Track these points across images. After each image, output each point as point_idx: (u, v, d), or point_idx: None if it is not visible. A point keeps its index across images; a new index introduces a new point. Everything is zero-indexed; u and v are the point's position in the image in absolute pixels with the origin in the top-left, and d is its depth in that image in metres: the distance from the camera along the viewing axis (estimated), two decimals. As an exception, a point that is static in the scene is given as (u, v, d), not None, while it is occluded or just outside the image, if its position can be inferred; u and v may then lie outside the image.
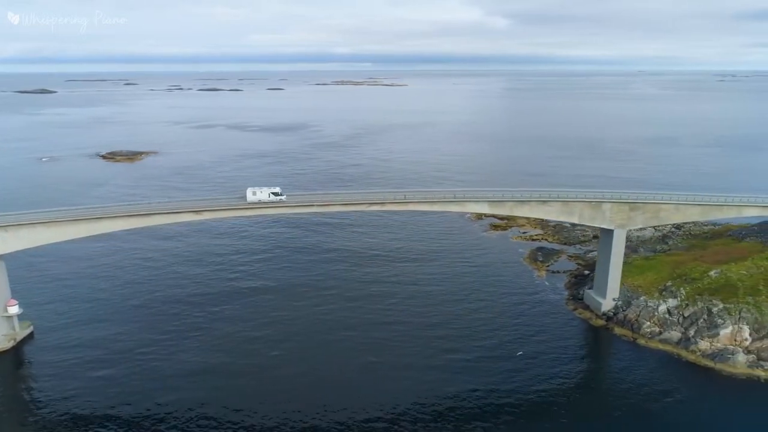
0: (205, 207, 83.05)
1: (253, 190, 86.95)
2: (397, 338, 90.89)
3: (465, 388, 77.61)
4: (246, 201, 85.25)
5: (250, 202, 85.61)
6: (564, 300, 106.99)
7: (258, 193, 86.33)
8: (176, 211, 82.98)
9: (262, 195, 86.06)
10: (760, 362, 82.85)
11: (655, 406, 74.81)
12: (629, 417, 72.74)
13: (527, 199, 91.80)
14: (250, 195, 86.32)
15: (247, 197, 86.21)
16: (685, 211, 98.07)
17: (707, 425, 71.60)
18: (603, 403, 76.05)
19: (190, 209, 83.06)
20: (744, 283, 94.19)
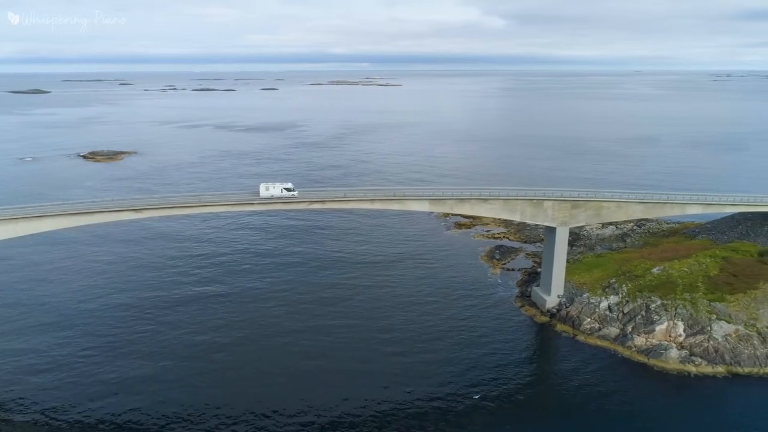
0: (145, 205, 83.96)
1: (266, 186, 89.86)
2: (341, 341, 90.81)
3: (404, 390, 77.72)
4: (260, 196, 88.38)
5: (263, 197, 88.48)
6: (513, 297, 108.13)
7: (271, 188, 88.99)
8: (117, 209, 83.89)
9: (275, 190, 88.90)
10: (692, 357, 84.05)
11: (588, 402, 76.04)
12: (562, 413, 73.92)
13: (467, 198, 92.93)
14: (263, 190, 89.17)
15: (260, 192, 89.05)
16: (627, 208, 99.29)
17: (638, 420, 72.52)
18: (539, 400, 76.76)
19: (131, 207, 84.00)
20: (683, 279, 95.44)
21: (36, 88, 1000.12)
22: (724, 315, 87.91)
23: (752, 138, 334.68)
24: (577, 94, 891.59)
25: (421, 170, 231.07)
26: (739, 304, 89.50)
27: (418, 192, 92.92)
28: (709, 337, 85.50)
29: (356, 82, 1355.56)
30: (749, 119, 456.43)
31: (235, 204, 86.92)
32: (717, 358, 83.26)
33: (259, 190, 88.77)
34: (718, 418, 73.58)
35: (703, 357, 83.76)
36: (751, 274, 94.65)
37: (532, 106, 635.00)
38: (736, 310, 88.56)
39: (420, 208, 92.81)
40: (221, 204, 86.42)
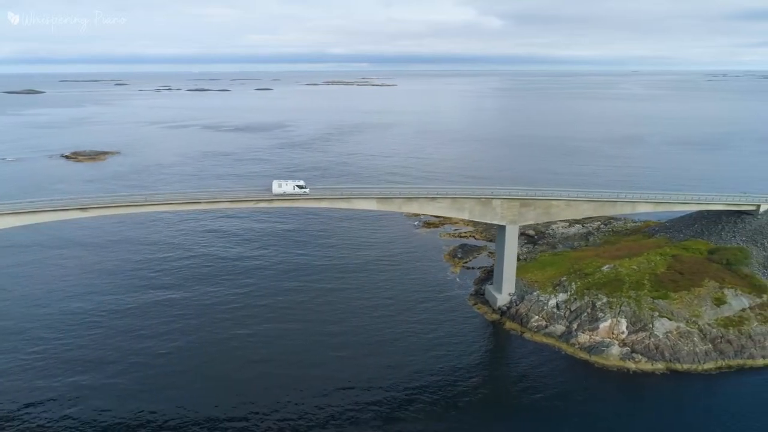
0: (92, 204, 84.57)
1: (278, 183, 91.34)
2: (290, 345, 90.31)
3: (346, 393, 77.34)
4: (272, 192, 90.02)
5: (276, 193, 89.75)
6: (467, 296, 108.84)
7: (283, 185, 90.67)
8: (63, 208, 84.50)
9: (287, 187, 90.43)
10: (633, 354, 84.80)
11: (528, 400, 76.67)
12: (503, 413, 74.55)
13: (416, 196, 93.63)
14: (276, 187, 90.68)
15: (273, 189, 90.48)
16: (577, 207, 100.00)
17: (576, 417, 73.18)
18: (480, 399, 76.93)
19: (77, 206, 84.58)
20: (631, 277, 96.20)
21: (30, 88, 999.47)
22: (667, 312, 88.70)
23: (734, 137, 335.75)
24: (572, 94, 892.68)
25: (399, 172, 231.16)
26: (682, 301, 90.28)
27: (365, 191, 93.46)
28: (651, 334, 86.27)
29: (352, 83, 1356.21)
30: (735, 119, 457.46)
31: (181, 203, 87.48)
32: (657, 354, 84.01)
33: (272, 187, 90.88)
34: (655, 414, 74.12)
35: (644, 354, 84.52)
36: (696, 271, 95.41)
37: (525, 106, 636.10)
38: (679, 308, 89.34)
39: (367, 207, 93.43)
40: (167, 203, 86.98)
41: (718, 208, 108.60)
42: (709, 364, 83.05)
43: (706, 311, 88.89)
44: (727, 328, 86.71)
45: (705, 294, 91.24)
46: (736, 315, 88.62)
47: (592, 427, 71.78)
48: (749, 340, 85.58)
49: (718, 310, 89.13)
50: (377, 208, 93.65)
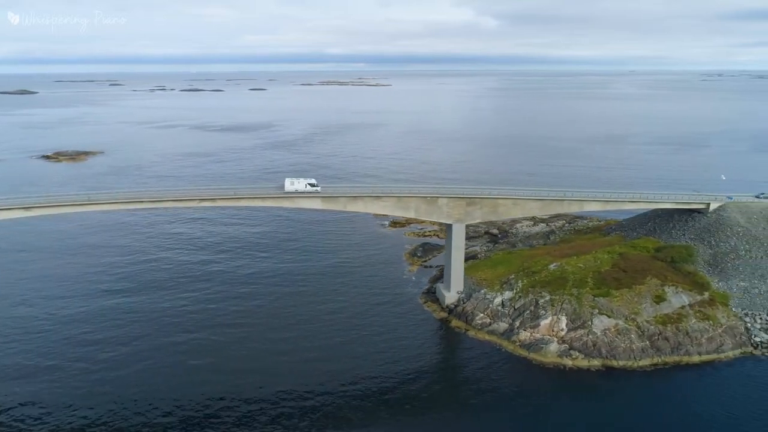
0: (35, 204, 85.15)
1: (291, 181, 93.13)
2: (233, 343, 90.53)
3: (279, 390, 77.76)
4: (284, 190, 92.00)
5: (288, 191, 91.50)
6: (420, 295, 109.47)
7: (296, 183, 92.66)
8: (6, 207, 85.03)
9: (299, 185, 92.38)
10: (571, 351, 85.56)
11: (462, 396, 77.70)
12: (439, 409, 74.88)
13: (360, 195, 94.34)
14: (288, 185, 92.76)
15: (285, 187, 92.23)
16: (524, 205, 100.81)
17: (508, 413, 74.13)
18: (418, 397, 77.38)
19: (20, 206, 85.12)
20: (575, 275, 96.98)
21: (24, 88, 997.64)
22: (607, 310, 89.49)
23: (715, 137, 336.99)
24: (566, 94, 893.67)
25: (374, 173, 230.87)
26: (622, 299, 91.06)
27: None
28: (589, 331, 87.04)
29: (347, 83, 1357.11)
30: (721, 118, 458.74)
31: (124, 202, 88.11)
32: (594, 351, 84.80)
33: (285, 185, 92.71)
34: (588, 410, 75.09)
35: (581, 351, 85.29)
36: (640, 269, 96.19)
37: (516, 106, 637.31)
38: (619, 305, 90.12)
39: (312, 206, 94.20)
40: (110, 202, 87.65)
41: (667, 206, 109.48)
42: (645, 361, 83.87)
43: (645, 309, 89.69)
44: (665, 325, 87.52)
45: (646, 292, 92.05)
46: (675, 312, 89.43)
47: (524, 424, 72.61)
48: (686, 337, 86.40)
49: (658, 307, 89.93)
50: (322, 208, 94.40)
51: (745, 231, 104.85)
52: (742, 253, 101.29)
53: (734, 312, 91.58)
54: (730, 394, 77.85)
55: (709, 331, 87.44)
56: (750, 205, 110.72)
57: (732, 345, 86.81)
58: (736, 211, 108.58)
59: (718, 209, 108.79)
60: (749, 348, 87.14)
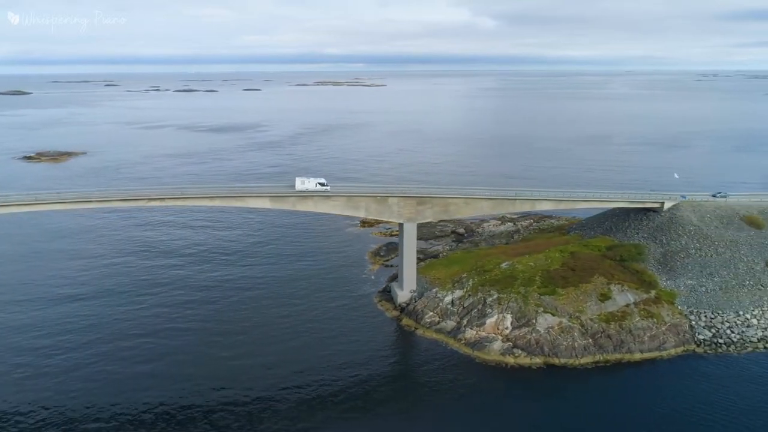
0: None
1: (301, 180, 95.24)
2: (182, 345, 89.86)
3: (220, 394, 77.59)
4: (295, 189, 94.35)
5: (298, 190, 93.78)
6: (375, 294, 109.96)
7: (306, 182, 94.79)
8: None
9: (310, 185, 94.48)
10: (514, 349, 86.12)
11: (402, 394, 78.44)
12: (384, 408, 75.33)
13: (309, 195, 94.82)
14: (299, 184, 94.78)
15: (296, 186, 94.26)
16: (475, 204, 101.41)
17: (449, 411, 74.62)
18: (361, 395, 77.91)
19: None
20: (524, 274, 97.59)
21: (18, 89, 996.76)
22: (551, 308, 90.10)
23: (698, 137, 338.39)
24: (560, 94, 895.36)
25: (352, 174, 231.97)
26: (568, 297, 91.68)
27: (258, 189, 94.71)
28: (533, 329, 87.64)
29: (342, 83, 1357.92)
30: (707, 118, 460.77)
31: (72, 202, 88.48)
32: (537, 349, 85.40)
33: (295, 184, 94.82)
34: (526, 408, 75.63)
35: (524, 349, 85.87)
36: (589, 268, 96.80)
37: (507, 106, 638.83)
38: (564, 303, 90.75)
39: (261, 205, 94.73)
40: (58, 202, 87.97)
41: (621, 205, 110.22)
42: (586, 359, 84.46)
43: (590, 307, 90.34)
44: (609, 323, 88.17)
45: (592, 290, 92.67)
46: (619, 310, 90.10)
47: (462, 423, 72.85)
48: (629, 335, 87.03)
49: (603, 305, 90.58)
50: (271, 207, 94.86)
51: (696, 230, 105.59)
52: (692, 251, 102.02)
53: (680, 310, 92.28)
54: (670, 392, 78.39)
55: (652, 328, 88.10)
56: (704, 205, 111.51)
57: (675, 343, 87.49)
58: (690, 210, 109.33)
59: (672, 208, 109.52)
60: (692, 346, 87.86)
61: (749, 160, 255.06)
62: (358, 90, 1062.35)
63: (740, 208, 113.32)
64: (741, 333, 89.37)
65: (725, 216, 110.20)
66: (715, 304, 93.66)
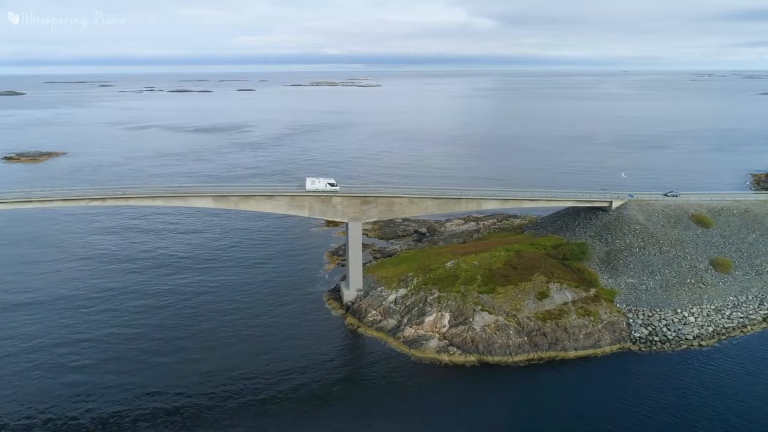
0: None
1: (311, 180, 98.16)
2: (120, 351, 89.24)
3: (164, 392, 77.97)
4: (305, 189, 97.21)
5: (309, 190, 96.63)
6: (325, 292, 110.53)
7: (316, 182, 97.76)
8: None
9: (320, 185, 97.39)
10: (449, 347, 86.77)
11: (339, 392, 78.81)
12: (321, 406, 75.87)
13: (252, 194, 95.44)
14: (309, 184, 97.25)
15: (306, 186, 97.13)
16: (420, 203, 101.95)
17: (379, 408, 75.36)
18: (297, 394, 78.35)
19: None
20: (467, 273, 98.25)
21: (11, 90, 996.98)
22: (489, 306, 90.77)
23: (680, 137, 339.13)
24: (551, 94, 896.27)
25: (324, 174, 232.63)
26: (506, 295, 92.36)
27: (200, 189, 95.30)
28: (470, 327, 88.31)
29: (336, 83, 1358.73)
30: (693, 118, 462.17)
31: (11, 202, 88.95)
32: (472, 347, 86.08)
33: (305, 184, 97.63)
34: (456, 405, 76.16)
35: (460, 347, 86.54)
36: (530, 266, 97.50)
37: (497, 106, 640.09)
38: (502, 302, 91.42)
39: (203, 205, 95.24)
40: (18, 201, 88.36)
41: (568, 204, 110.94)
42: (520, 356, 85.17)
43: (527, 305, 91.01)
44: (545, 321, 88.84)
45: (530, 288, 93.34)
46: (556, 308, 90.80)
47: (391, 420, 73.51)
48: (564, 333, 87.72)
49: (540, 303, 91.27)
50: (214, 206, 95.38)
51: (642, 228, 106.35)
52: (635, 250, 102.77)
53: (618, 308, 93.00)
54: (598, 389, 79.33)
55: (587, 326, 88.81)
56: (652, 204, 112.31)
57: (610, 340, 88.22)
58: (637, 209, 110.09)
59: (620, 207, 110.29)
60: (627, 343, 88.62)
61: (721, 161, 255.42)
62: (352, 90, 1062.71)
63: (690, 207, 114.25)
64: (677, 331, 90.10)
65: (673, 215, 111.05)
66: (654, 302, 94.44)
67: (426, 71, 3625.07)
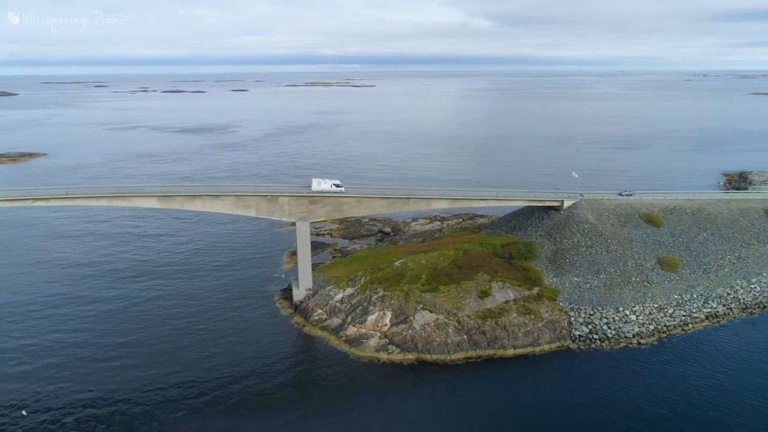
0: None
1: (317, 181, 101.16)
2: (58, 360, 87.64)
3: (105, 397, 77.85)
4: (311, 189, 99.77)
5: (314, 190, 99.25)
6: (278, 292, 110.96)
7: (322, 183, 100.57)
8: None
9: (325, 185, 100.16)
10: (389, 346, 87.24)
11: (276, 391, 78.94)
12: (249, 405, 76.08)
13: (198, 194, 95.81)
14: (315, 185, 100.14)
15: (312, 186, 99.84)
16: (369, 203, 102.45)
17: (312, 407, 75.48)
18: (233, 394, 78.40)
19: None
20: (413, 272, 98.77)
21: (4, 90, 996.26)
22: (430, 305, 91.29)
23: (661, 137, 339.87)
24: (546, 94, 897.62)
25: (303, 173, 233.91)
26: (448, 294, 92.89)
27: (145, 189, 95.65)
28: (410, 326, 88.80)
29: (331, 84, 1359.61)
30: (678, 118, 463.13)
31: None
32: (411, 346, 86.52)
33: (311, 185, 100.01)
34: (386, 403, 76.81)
35: (399, 345, 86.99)
36: (475, 265, 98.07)
37: (487, 106, 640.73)
38: (443, 301, 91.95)
39: (148, 205, 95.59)
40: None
41: (519, 204, 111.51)
42: (458, 355, 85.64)
43: (468, 304, 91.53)
44: (485, 319, 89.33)
45: (473, 287, 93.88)
46: (497, 307, 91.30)
47: (324, 419, 73.88)
48: (503, 331, 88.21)
49: (481, 302, 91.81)
50: (159, 206, 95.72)
51: (591, 228, 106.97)
52: (582, 249, 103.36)
53: (561, 306, 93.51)
54: (529, 386, 79.97)
55: (527, 325, 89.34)
56: (603, 203, 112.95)
57: (550, 339, 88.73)
58: (588, 208, 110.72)
59: (571, 207, 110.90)
60: (567, 342, 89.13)
61: (698, 161, 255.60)
62: (346, 91, 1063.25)
63: (642, 206, 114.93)
64: (617, 329, 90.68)
65: (624, 214, 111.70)
66: (596, 301, 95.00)
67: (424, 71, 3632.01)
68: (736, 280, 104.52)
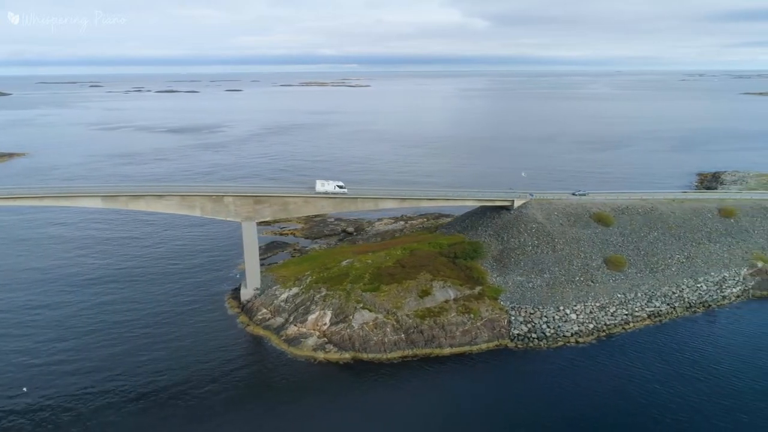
0: None
1: (321, 182, 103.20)
2: None
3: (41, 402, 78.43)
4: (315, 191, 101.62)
5: (318, 192, 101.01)
6: (228, 292, 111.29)
7: (326, 185, 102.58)
8: None
9: (329, 186, 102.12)
10: (327, 345, 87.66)
11: (209, 390, 79.43)
12: (182, 405, 76.45)
13: (142, 194, 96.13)
14: (319, 186, 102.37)
15: (316, 188, 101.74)
16: (316, 203, 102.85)
17: (241, 405, 76.23)
18: (168, 394, 78.99)
19: None
20: (357, 271, 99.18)
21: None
22: (370, 304, 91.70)
23: (643, 136, 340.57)
24: (540, 94, 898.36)
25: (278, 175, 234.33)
26: (389, 294, 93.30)
27: (89, 189, 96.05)
28: (349, 325, 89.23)
29: (326, 84, 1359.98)
30: (666, 117, 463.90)
31: None
32: (348, 345, 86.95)
33: (315, 186, 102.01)
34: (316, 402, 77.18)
35: (337, 344, 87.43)
36: (418, 265, 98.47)
37: (480, 107, 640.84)
38: (384, 300, 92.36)
39: (92, 205, 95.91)
40: None
41: (468, 204, 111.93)
42: (395, 354, 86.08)
43: (408, 303, 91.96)
44: (423, 319, 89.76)
45: (414, 287, 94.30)
46: (437, 306, 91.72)
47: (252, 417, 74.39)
48: (441, 330, 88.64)
49: (421, 301, 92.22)
50: (103, 207, 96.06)
51: (539, 227, 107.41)
52: (528, 248, 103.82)
53: (502, 305, 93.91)
54: (462, 384, 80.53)
55: (466, 324, 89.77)
56: (554, 203, 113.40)
57: (488, 337, 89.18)
58: (537, 208, 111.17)
59: (521, 206, 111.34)
60: (505, 340, 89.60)
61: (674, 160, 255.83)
62: (341, 91, 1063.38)
63: (593, 205, 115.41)
64: (556, 328, 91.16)
65: (574, 214, 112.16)
66: (538, 300, 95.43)
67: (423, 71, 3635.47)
68: (683, 279, 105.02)
